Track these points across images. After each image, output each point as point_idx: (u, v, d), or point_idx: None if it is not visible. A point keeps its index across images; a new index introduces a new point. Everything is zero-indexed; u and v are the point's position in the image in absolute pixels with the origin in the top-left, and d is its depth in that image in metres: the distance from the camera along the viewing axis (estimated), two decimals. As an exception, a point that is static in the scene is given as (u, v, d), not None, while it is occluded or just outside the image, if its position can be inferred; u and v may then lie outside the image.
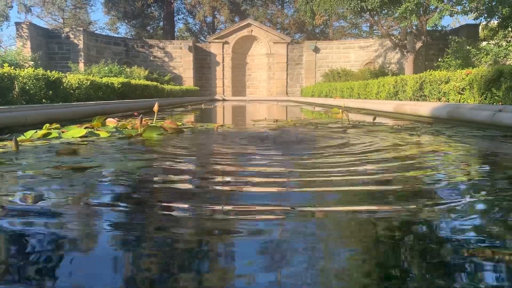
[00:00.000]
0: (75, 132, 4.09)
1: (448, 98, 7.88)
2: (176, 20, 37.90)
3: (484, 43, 16.71)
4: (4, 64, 9.01)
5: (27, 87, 6.74)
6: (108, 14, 34.79)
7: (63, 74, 8.49)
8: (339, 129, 5.17)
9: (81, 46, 21.85)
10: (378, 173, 2.30)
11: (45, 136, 4.00)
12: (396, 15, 16.40)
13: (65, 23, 33.19)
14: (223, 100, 25.49)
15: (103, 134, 4.19)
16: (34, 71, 7.06)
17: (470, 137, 4.21)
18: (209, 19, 38.31)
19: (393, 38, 20.18)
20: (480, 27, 19.04)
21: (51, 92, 7.45)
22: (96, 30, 36.23)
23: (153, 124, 4.59)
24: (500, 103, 6.02)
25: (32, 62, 16.22)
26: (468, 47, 15.99)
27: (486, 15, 13.80)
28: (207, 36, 32.31)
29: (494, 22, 14.93)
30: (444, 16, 14.52)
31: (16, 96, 6.50)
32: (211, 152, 3.32)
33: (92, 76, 12.01)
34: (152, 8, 35.71)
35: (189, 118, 8.26)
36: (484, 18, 14.12)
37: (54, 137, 3.98)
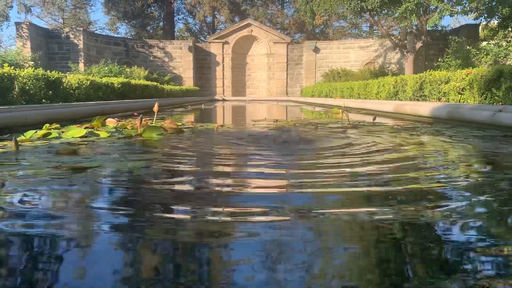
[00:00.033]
0: (75, 132, 4.09)
1: (448, 98, 7.87)
2: (176, 20, 37.95)
3: (484, 43, 16.71)
4: (4, 64, 9.01)
5: (27, 87, 6.74)
6: (108, 14, 34.81)
7: (63, 74, 8.48)
8: (339, 129, 5.17)
9: (81, 46, 21.85)
10: (378, 173, 2.30)
11: (45, 136, 4.00)
12: (396, 15, 16.41)
13: (65, 23, 33.18)
14: (223, 100, 25.48)
15: (103, 134, 4.19)
16: (34, 71, 7.06)
17: (470, 137, 4.21)
18: (209, 19, 38.34)
19: (393, 38, 20.19)
20: (480, 27, 19.04)
21: (51, 92, 7.45)
22: (96, 30, 36.26)
23: (153, 124, 4.59)
24: (500, 103, 6.02)
25: (32, 62, 16.23)
26: (468, 47, 16.00)
27: (486, 15, 13.80)
28: (207, 36, 32.32)
29: (494, 22, 14.93)
30: (444, 16, 14.52)
31: (16, 96, 6.50)
32: (211, 152, 3.32)
33: (92, 76, 12.01)
34: (152, 8, 35.72)
35: (189, 118, 8.26)
36: (484, 18, 14.12)
37: (54, 137, 3.98)
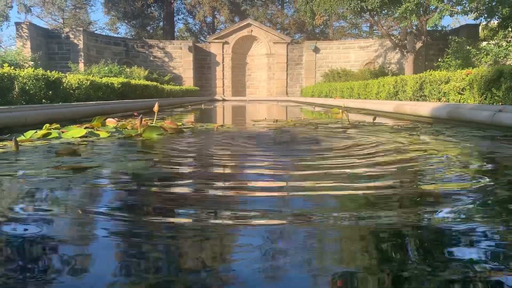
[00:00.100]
0: (75, 132, 4.09)
1: (448, 98, 7.87)
2: (176, 20, 37.95)
3: (484, 43, 16.71)
4: (4, 64, 9.01)
5: (27, 87, 6.74)
6: (108, 14, 34.83)
7: (63, 74, 8.48)
8: (339, 129, 5.17)
9: (81, 46, 21.85)
10: (377, 174, 2.30)
11: (45, 136, 4.00)
12: (396, 15, 16.41)
13: (65, 23, 33.18)
14: (223, 100, 25.49)
15: (103, 134, 4.19)
16: (34, 71, 7.06)
17: (471, 137, 4.21)
18: (209, 19, 38.34)
19: (393, 38, 20.18)
20: (480, 27, 19.04)
21: (51, 92, 7.45)
22: (96, 30, 36.26)
23: (153, 124, 4.59)
24: (500, 103, 6.02)
25: (32, 62, 16.22)
26: (468, 47, 16.00)
27: (486, 15, 13.80)
28: (207, 36, 32.32)
29: (494, 22, 14.93)
30: (444, 16, 14.52)
31: (16, 96, 6.50)
32: (211, 152, 3.32)
33: (92, 76, 12.01)
34: (152, 8, 35.72)
35: (189, 118, 8.26)
36: (484, 18, 14.12)
37: (54, 137, 3.98)
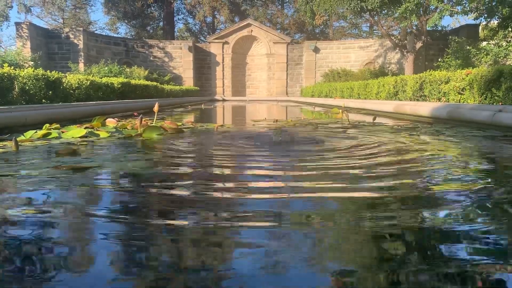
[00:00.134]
0: (75, 132, 4.09)
1: (448, 98, 7.87)
2: (176, 20, 37.95)
3: (484, 43, 16.71)
4: (4, 64, 9.01)
5: (27, 87, 6.74)
6: (108, 14, 34.83)
7: (63, 74, 8.48)
8: (339, 129, 5.17)
9: (81, 46, 21.85)
10: (378, 175, 2.30)
11: (45, 136, 4.00)
12: (396, 15, 16.40)
13: (65, 23, 33.18)
14: (223, 100, 25.49)
15: (103, 134, 4.19)
16: (34, 71, 7.06)
17: (471, 137, 4.21)
18: (209, 19, 38.34)
19: (393, 38, 20.18)
20: (480, 27, 19.04)
21: (51, 92, 7.45)
22: (96, 30, 36.26)
23: (153, 124, 4.59)
24: (500, 103, 6.02)
25: (32, 62, 16.22)
26: (468, 47, 16.00)
27: (486, 15, 13.80)
28: (207, 36, 32.32)
29: (494, 22, 14.93)
30: (444, 16, 14.52)
31: (16, 96, 6.50)
32: (211, 152, 3.32)
33: (92, 76, 12.01)
34: (152, 8, 35.72)
35: (189, 118, 8.25)
36: (484, 18, 14.12)
37: (54, 137, 3.98)
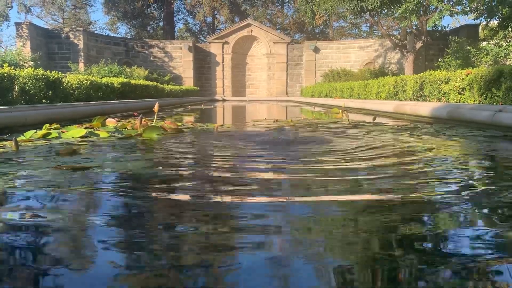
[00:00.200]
0: (75, 132, 4.09)
1: (448, 98, 7.87)
2: (176, 20, 37.94)
3: (484, 43, 16.71)
4: (4, 64, 9.01)
5: (27, 87, 6.74)
6: (108, 14, 34.82)
7: (63, 74, 8.48)
8: (339, 129, 5.17)
9: (81, 46, 21.85)
10: (377, 176, 2.30)
11: (45, 136, 4.00)
12: (396, 15, 16.40)
13: (65, 23, 33.17)
14: (223, 100, 25.49)
15: (103, 134, 4.19)
16: (34, 71, 7.05)
17: (471, 137, 4.21)
18: (209, 19, 38.33)
19: (393, 38, 20.18)
20: (480, 27, 19.04)
21: (51, 92, 7.44)
22: (96, 30, 36.25)
23: (153, 124, 4.59)
24: (500, 103, 6.02)
25: (32, 62, 16.22)
26: (468, 47, 16.00)
27: (486, 15, 13.80)
28: (207, 36, 32.31)
29: (494, 22, 14.93)
30: (444, 16, 14.52)
31: (16, 96, 6.49)
32: (211, 153, 3.32)
33: (92, 76, 12.00)
34: (152, 8, 35.71)
35: (189, 118, 8.25)
36: (484, 18, 14.12)
37: (54, 137, 3.98)
